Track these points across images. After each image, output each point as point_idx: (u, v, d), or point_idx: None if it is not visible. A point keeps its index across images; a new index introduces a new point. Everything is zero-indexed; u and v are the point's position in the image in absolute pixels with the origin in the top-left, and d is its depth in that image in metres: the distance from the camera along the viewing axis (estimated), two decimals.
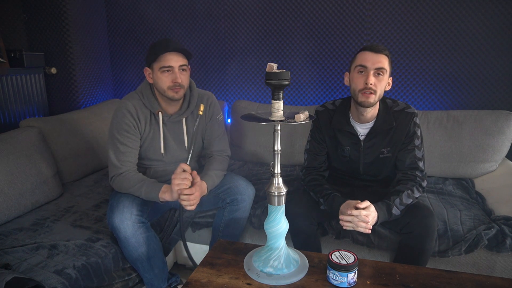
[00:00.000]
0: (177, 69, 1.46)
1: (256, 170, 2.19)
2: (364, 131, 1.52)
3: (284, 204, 1.15)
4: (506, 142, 1.96)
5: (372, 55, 1.38)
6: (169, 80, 1.46)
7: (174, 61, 1.45)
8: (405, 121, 1.48)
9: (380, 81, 1.39)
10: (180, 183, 1.38)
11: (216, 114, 1.68)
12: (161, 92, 1.51)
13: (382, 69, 1.38)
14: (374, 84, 1.38)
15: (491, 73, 2.15)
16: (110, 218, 1.43)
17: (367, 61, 1.39)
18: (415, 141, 1.49)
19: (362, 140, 1.52)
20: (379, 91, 1.40)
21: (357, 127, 1.52)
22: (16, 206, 1.64)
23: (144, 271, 1.51)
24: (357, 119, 1.51)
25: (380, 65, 1.38)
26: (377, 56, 1.38)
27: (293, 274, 1.15)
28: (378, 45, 1.41)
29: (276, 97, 1.06)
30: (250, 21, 2.45)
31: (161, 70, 1.45)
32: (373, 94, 1.39)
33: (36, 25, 2.37)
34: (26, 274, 1.24)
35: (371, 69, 1.38)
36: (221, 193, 1.64)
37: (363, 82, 1.39)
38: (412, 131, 1.49)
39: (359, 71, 1.41)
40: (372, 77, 1.38)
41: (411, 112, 1.49)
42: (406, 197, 1.40)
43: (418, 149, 1.49)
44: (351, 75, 1.45)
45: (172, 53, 1.44)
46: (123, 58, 2.77)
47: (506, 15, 2.05)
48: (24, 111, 2.24)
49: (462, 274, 1.16)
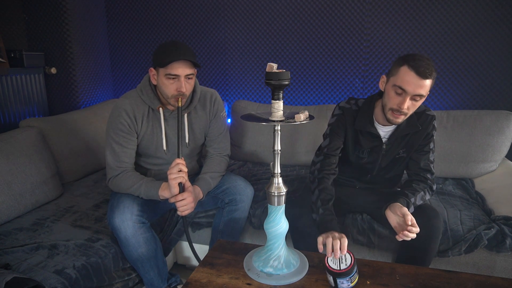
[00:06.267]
0: (183, 78, 1.41)
1: (256, 170, 2.19)
2: (386, 133, 1.47)
3: (284, 204, 1.15)
4: (506, 142, 1.96)
5: (417, 79, 1.23)
6: (174, 88, 1.42)
7: (181, 70, 1.39)
8: (425, 124, 1.44)
9: (415, 105, 1.30)
10: (176, 176, 1.38)
11: (220, 110, 1.67)
12: (163, 97, 1.49)
13: (422, 95, 1.26)
14: (408, 108, 1.29)
15: (491, 73, 2.15)
16: (111, 218, 1.43)
17: (408, 85, 1.24)
18: (430, 144, 1.47)
19: (384, 143, 1.47)
20: (410, 113, 1.33)
21: (380, 130, 1.46)
22: (16, 206, 1.64)
23: (144, 271, 1.51)
24: (381, 122, 1.45)
25: (421, 92, 1.25)
26: (421, 81, 1.23)
27: (293, 274, 1.15)
28: (428, 65, 1.23)
29: (276, 97, 1.06)
30: (250, 21, 2.45)
31: (166, 76, 1.40)
32: (404, 116, 1.32)
33: (36, 25, 2.37)
34: (26, 274, 1.24)
35: (410, 94, 1.25)
36: (220, 193, 1.64)
37: (397, 103, 1.29)
38: (430, 134, 1.45)
39: (397, 92, 1.28)
40: (408, 102, 1.27)
41: (432, 114, 1.45)
42: (419, 199, 1.39)
43: (432, 152, 1.48)
44: (387, 88, 1.33)
45: (180, 61, 1.38)
46: (123, 58, 2.77)
47: (506, 15, 2.05)
48: (24, 111, 2.24)
49: (462, 274, 1.16)
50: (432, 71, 1.23)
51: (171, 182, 1.38)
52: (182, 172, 1.39)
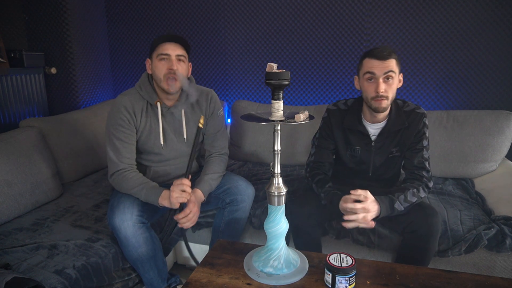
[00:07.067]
0: (174, 57, 1.47)
1: (256, 170, 2.19)
2: (376, 131, 1.52)
3: (284, 204, 1.15)
4: (506, 142, 1.96)
5: (378, 62, 1.37)
6: (165, 67, 1.47)
7: (171, 50, 1.47)
8: (415, 121, 1.49)
9: (391, 85, 1.39)
10: (178, 196, 1.41)
11: (217, 109, 1.69)
12: (157, 83, 1.51)
13: (391, 72, 1.37)
14: (385, 90, 1.38)
15: (491, 73, 2.15)
16: (111, 218, 1.43)
17: (374, 68, 1.38)
18: (423, 141, 1.50)
19: (373, 140, 1.52)
20: (391, 95, 1.41)
21: (369, 128, 1.52)
22: (16, 206, 1.64)
23: (144, 271, 1.51)
24: (369, 120, 1.51)
25: (388, 69, 1.37)
26: (383, 62, 1.37)
27: (293, 274, 1.15)
28: (383, 49, 1.38)
29: (276, 97, 1.06)
30: (250, 21, 2.45)
31: (158, 58, 1.47)
32: (385, 99, 1.40)
33: (36, 25, 2.37)
34: (26, 274, 1.24)
35: (380, 76, 1.37)
36: (220, 194, 1.64)
37: (374, 90, 1.39)
38: (421, 131, 1.49)
39: (368, 78, 1.40)
40: (382, 84, 1.38)
41: (421, 112, 1.50)
42: (411, 195, 1.40)
43: (426, 150, 1.50)
44: (361, 82, 1.45)
45: (171, 43, 1.47)
46: (123, 58, 2.77)
47: (506, 15, 2.05)
48: (24, 111, 2.24)
49: (462, 274, 1.16)
50: (390, 52, 1.37)
51: (172, 200, 1.41)
52: (186, 192, 1.41)
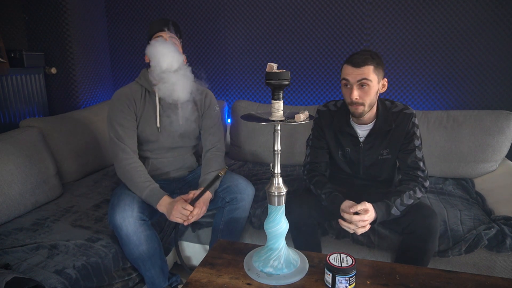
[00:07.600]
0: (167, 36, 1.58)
1: (256, 170, 2.19)
2: (364, 132, 1.52)
3: (284, 204, 1.15)
4: (506, 142, 1.96)
5: (353, 69, 1.36)
6: None
7: (164, 34, 1.58)
8: (403, 122, 1.48)
9: (367, 92, 1.38)
10: (177, 218, 1.44)
11: (213, 104, 1.74)
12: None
13: (365, 79, 1.36)
14: (359, 97, 1.38)
15: (491, 73, 2.15)
16: (112, 216, 1.44)
17: (348, 75, 1.38)
18: (415, 141, 1.49)
19: (361, 141, 1.52)
20: (368, 102, 1.40)
21: (357, 129, 1.53)
22: (16, 206, 1.64)
23: (145, 270, 1.51)
24: (357, 121, 1.52)
25: (361, 77, 1.36)
26: (357, 70, 1.36)
27: (293, 274, 1.15)
28: (360, 55, 1.37)
29: (276, 97, 1.06)
30: (251, 21, 2.45)
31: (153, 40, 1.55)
32: (361, 105, 1.40)
33: (36, 25, 2.37)
34: (26, 274, 1.24)
35: (353, 83, 1.37)
36: (220, 192, 1.64)
37: (349, 96, 1.40)
38: (411, 131, 1.48)
39: (344, 84, 1.41)
40: (355, 91, 1.37)
41: (409, 112, 1.49)
42: (407, 198, 1.40)
43: (419, 150, 1.49)
44: (341, 86, 1.46)
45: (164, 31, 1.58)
46: (123, 58, 2.77)
47: (506, 15, 2.05)
48: (24, 111, 2.24)
49: (462, 274, 1.16)
50: (366, 59, 1.35)
51: (171, 218, 1.45)
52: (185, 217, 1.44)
